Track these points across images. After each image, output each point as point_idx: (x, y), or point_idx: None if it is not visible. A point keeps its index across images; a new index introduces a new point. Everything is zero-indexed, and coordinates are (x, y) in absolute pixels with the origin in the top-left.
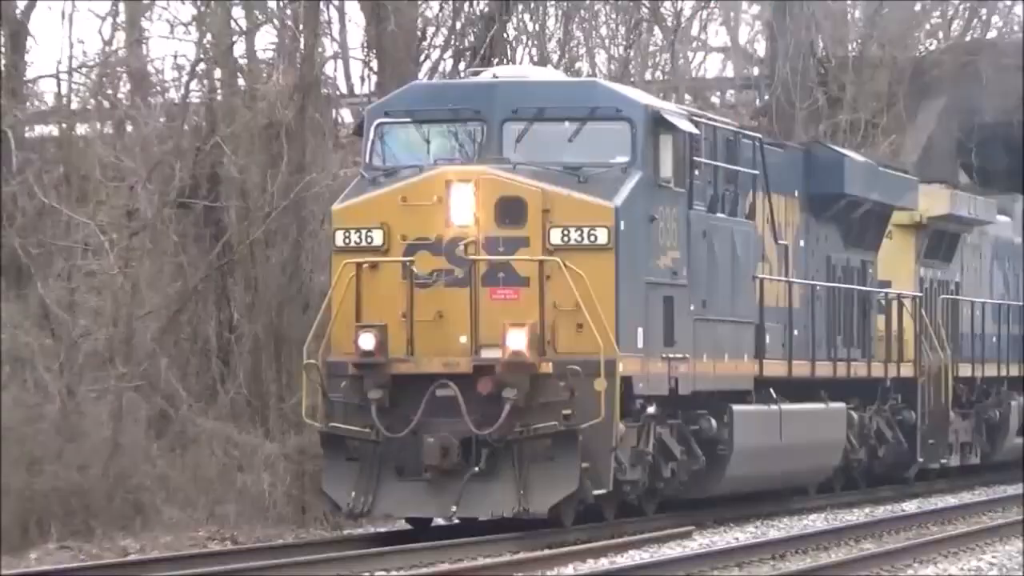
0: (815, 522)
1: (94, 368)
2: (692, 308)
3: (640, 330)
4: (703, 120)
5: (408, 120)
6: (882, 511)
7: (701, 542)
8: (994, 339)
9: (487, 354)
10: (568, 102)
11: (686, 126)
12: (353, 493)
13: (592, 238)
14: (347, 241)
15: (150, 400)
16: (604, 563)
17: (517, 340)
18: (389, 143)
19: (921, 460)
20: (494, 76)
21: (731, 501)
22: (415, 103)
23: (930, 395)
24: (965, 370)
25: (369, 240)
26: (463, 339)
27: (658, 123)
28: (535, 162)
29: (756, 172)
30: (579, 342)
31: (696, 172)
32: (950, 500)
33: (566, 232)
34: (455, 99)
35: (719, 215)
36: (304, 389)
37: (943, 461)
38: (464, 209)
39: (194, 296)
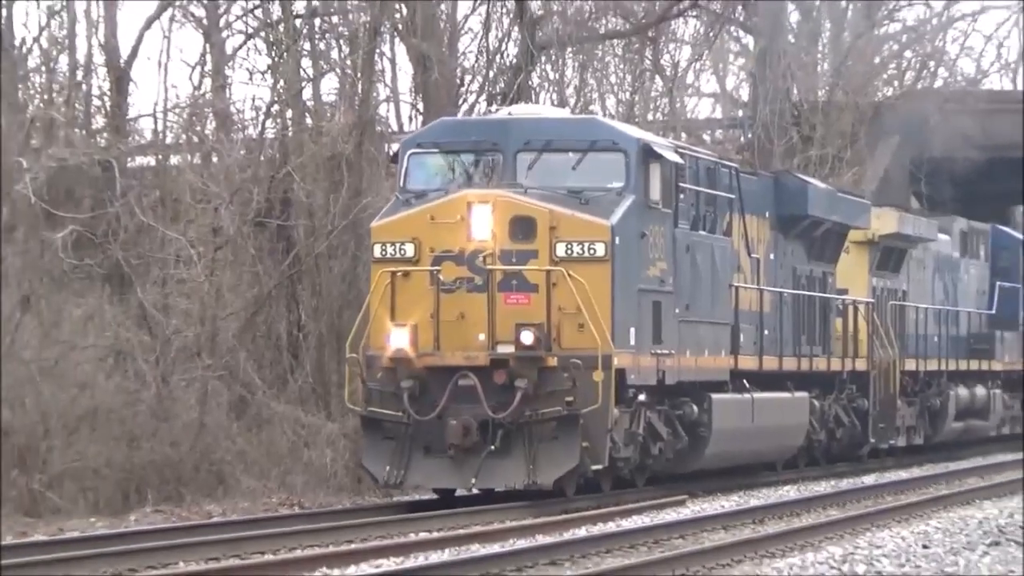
0: (788, 492)
1: (184, 360)
2: (677, 311)
3: (632, 330)
4: (687, 151)
5: (436, 150)
6: (845, 483)
7: (693, 509)
8: (935, 339)
9: (502, 349)
10: (571, 136)
11: (672, 156)
12: (388, 467)
13: (592, 251)
14: (384, 253)
15: (231, 387)
16: (612, 526)
17: (527, 338)
18: (420, 170)
19: (873, 441)
20: (509, 113)
21: (710, 475)
22: (442, 136)
23: (880, 386)
24: (910, 365)
25: (402, 252)
26: (481, 337)
27: (648, 154)
28: (543, 187)
29: (732, 196)
30: (580, 340)
31: (681, 195)
32: (901, 475)
33: (569, 246)
34: (476, 133)
35: (700, 232)
36: (347, 379)
37: (892, 442)
38: (483, 226)
39: (268, 300)
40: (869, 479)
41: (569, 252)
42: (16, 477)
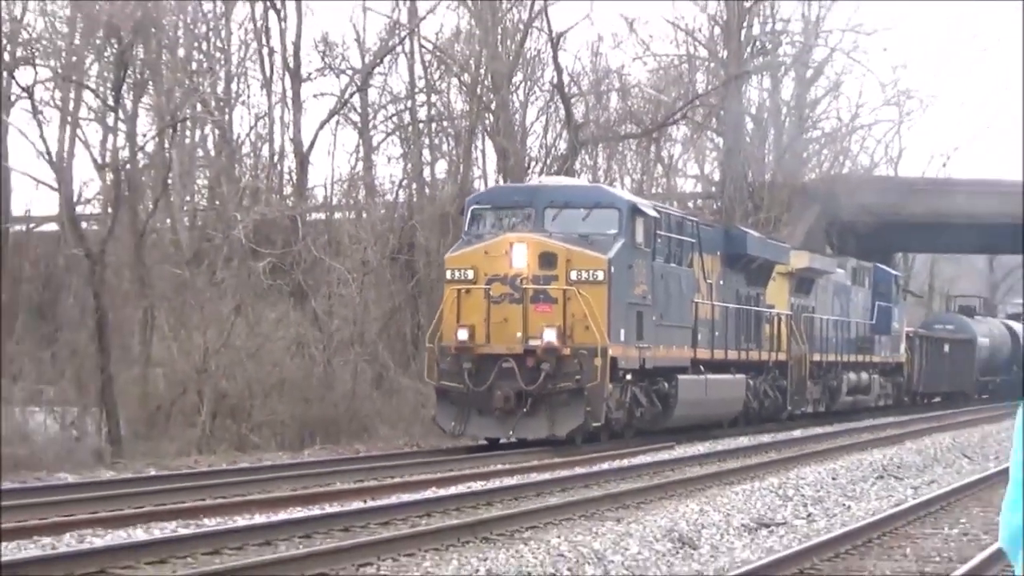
0: (742, 441)
1: (342, 349)
2: (654, 318)
3: (622, 330)
4: (662, 210)
5: (489, 206)
6: (782, 436)
7: (680, 451)
8: (833, 340)
9: (532, 343)
10: (582, 197)
11: (652, 213)
12: (453, 423)
13: (595, 277)
14: (453, 276)
15: (373, 367)
16: (625, 462)
17: (550, 335)
18: (478, 219)
19: (790, 408)
20: (540, 181)
21: (676, 431)
22: (494, 197)
23: (795, 371)
24: (816, 357)
25: (466, 276)
26: (518, 334)
27: (635, 211)
28: (562, 232)
29: (694, 240)
30: (586, 337)
31: (657, 239)
32: (815, 431)
33: (579, 273)
34: (517, 195)
35: (671, 264)
36: (426, 362)
37: (803, 409)
38: (520, 259)
39: (398, 310)
40: (796, 433)
41: (579, 277)
42: (230, 424)
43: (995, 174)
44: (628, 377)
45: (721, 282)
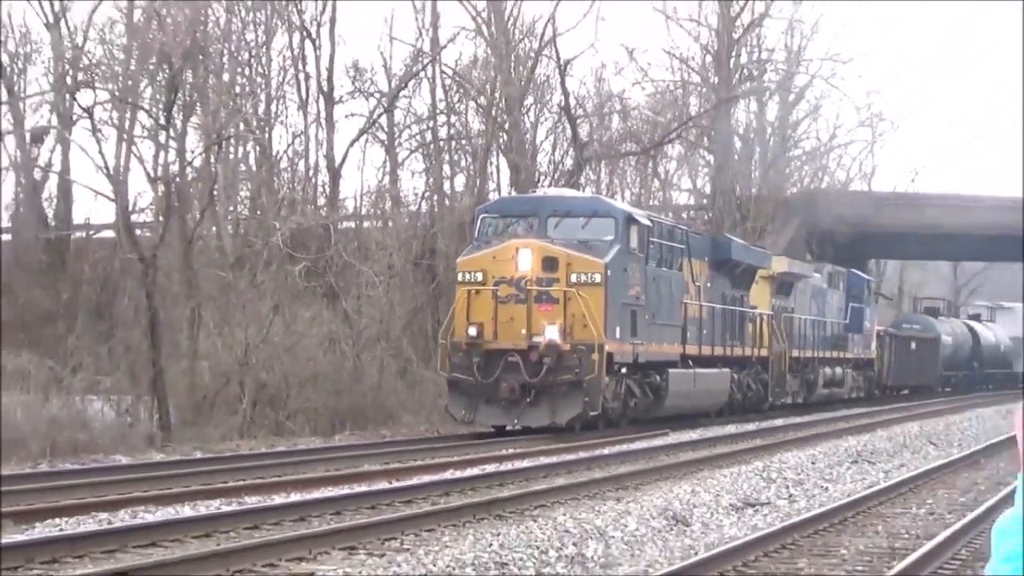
0: (729, 429)
1: (369, 344)
2: (647, 317)
3: (617, 328)
4: (655, 219)
5: (497, 215)
6: (765, 425)
7: (673, 438)
8: (811, 337)
9: (535, 339)
10: (582, 207)
11: (645, 221)
12: (463, 411)
13: (592, 279)
14: (464, 278)
15: (397, 361)
16: (624, 447)
17: (552, 332)
18: (487, 226)
19: (771, 400)
20: (543, 193)
21: (667, 420)
22: (502, 206)
23: (776, 365)
24: (795, 353)
25: (475, 278)
26: (523, 331)
27: (629, 220)
28: (563, 238)
29: (683, 246)
30: (584, 334)
31: (650, 245)
32: (794, 420)
33: (579, 275)
34: (522, 204)
35: (663, 268)
36: (439, 356)
37: (783, 400)
38: (526, 262)
39: (420, 309)
40: (779, 422)
41: (578, 279)
42: (268, 412)
43: (960, 189)
44: (623, 371)
45: (708, 284)
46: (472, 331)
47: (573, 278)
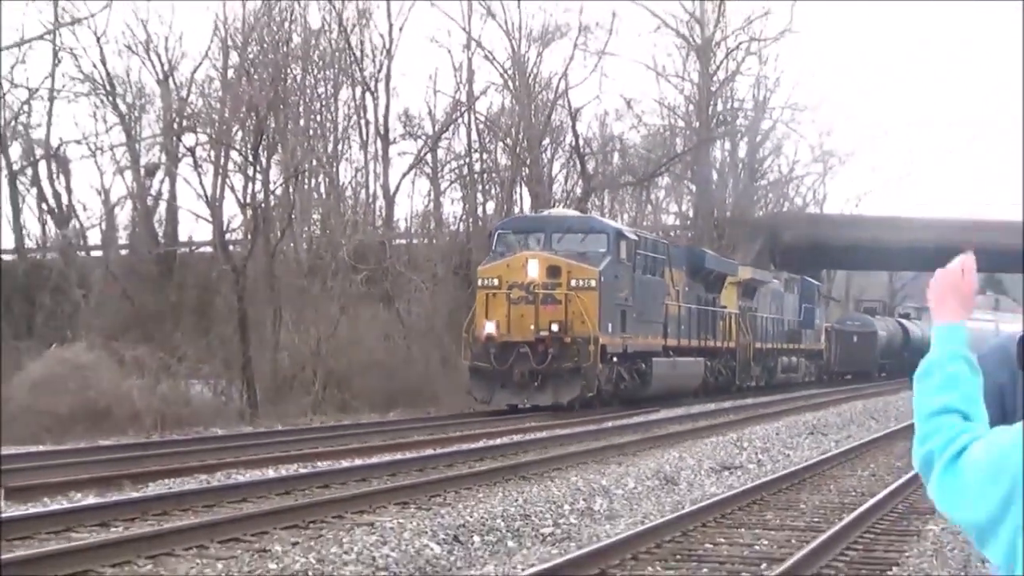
0: (709, 407)
1: (418, 337)
2: (634, 316)
3: (610, 324)
4: (642, 234)
5: (511, 231)
6: (739, 403)
7: (663, 414)
8: (771, 332)
9: (542, 333)
10: (580, 225)
11: (632, 236)
12: (482, 393)
13: (589, 284)
14: (483, 283)
15: (440, 351)
16: (624, 421)
17: (555, 327)
18: (503, 240)
19: (738, 383)
20: (549, 213)
21: (652, 399)
22: (515, 223)
23: (743, 355)
24: (758, 345)
25: (493, 283)
26: (532, 327)
27: (619, 235)
28: (565, 251)
29: (665, 257)
30: (582, 329)
31: (637, 256)
32: (762, 399)
33: (577, 281)
34: (532, 222)
35: (648, 276)
36: (463, 347)
37: (748, 384)
38: (534, 270)
39: (458, 310)
40: (749, 400)
41: (577, 284)
42: (336, 393)
43: (895, 211)
44: (615, 359)
45: (686, 289)
46: (490, 327)
47: (573, 283)
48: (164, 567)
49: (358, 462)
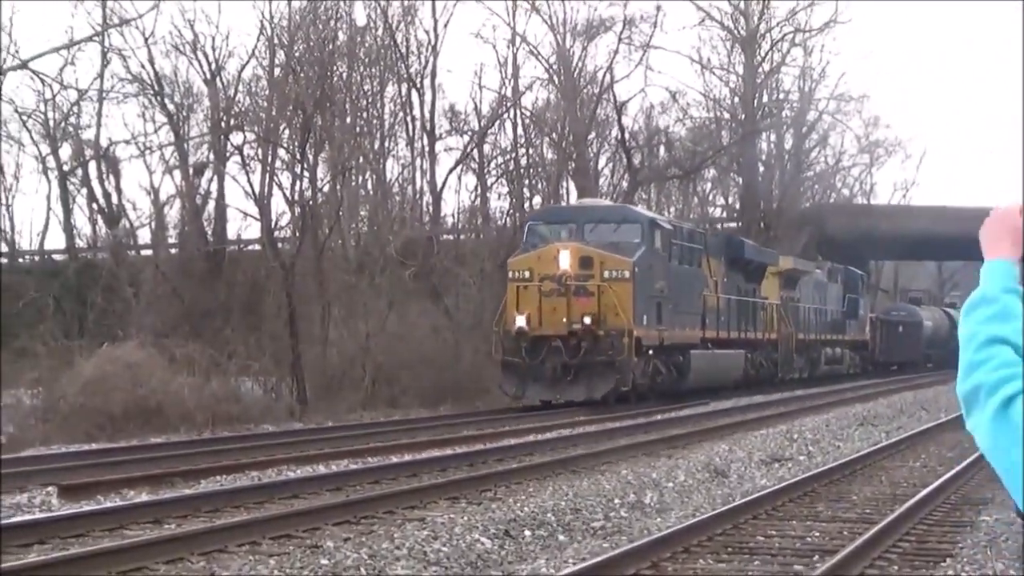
0: (756, 399)
1: (465, 333)
2: (671, 307)
3: (645, 316)
4: (676, 224)
5: (542, 222)
6: (786, 395)
7: (712, 406)
8: (814, 323)
9: (575, 326)
10: (613, 214)
11: (667, 226)
12: (514, 388)
13: (623, 275)
14: (514, 275)
15: (486, 344)
16: (674, 414)
17: (588, 320)
18: (534, 232)
19: (780, 375)
20: (581, 203)
21: (690, 393)
22: (547, 214)
23: (785, 346)
24: (801, 336)
25: (524, 275)
26: (564, 320)
27: (653, 224)
28: (598, 241)
29: (701, 247)
30: (617, 322)
31: (673, 246)
32: (812, 391)
33: (611, 272)
34: (564, 212)
35: (684, 266)
36: (494, 342)
37: (790, 376)
38: (566, 261)
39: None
40: (798, 392)
41: (610, 276)
42: (385, 389)
43: (943, 200)
44: (650, 352)
45: (724, 279)
46: (520, 320)
47: (606, 274)
48: (217, 564)
49: (408, 457)
